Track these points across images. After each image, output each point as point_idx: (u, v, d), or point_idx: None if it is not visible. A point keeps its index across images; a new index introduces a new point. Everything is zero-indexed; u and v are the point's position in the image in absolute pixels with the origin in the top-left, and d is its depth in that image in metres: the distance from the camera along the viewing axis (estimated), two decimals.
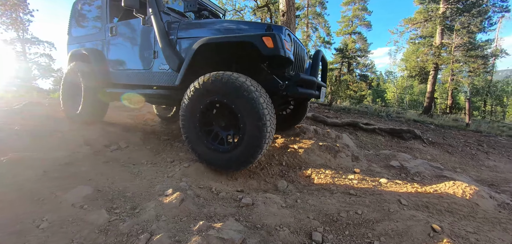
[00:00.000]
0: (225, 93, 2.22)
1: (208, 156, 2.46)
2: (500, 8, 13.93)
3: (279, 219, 1.54)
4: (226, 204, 1.81)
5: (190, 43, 2.75)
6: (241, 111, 2.18)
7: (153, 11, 2.94)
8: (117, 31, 3.42)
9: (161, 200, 1.76)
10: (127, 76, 3.36)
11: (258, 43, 2.18)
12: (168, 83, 2.96)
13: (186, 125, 2.53)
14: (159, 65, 3.00)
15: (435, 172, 2.91)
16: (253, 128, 2.14)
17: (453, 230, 1.44)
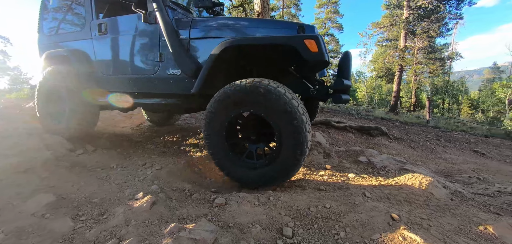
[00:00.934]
0: (261, 104, 1.93)
1: (238, 173, 2.16)
2: (455, 15, 15.35)
3: (251, 217, 1.58)
4: (199, 205, 1.81)
5: (208, 45, 2.39)
6: (279, 125, 1.92)
7: (157, 6, 2.50)
8: (107, 29, 2.92)
9: (131, 204, 1.71)
10: (124, 83, 2.89)
11: (300, 47, 1.93)
12: (179, 90, 2.58)
13: (213, 139, 2.18)
14: (166, 69, 2.59)
15: (398, 166, 3.14)
16: (292, 144, 1.90)
17: (409, 218, 1.58)
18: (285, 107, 1.86)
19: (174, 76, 2.57)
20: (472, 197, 2.85)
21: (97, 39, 3.02)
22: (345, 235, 1.45)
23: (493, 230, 1.56)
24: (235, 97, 2.00)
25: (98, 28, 2.98)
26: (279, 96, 1.88)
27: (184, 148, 3.45)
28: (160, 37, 2.60)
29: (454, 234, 1.50)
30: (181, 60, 2.46)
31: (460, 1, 14.47)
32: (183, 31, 2.51)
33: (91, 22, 3.06)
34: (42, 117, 3.45)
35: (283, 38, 2.04)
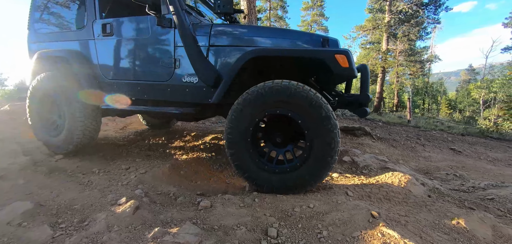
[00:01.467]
0: (292, 105, 1.92)
1: (262, 177, 2.05)
2: (433, 20, 16.09)
3: (236, 219, 1.59)
4: (184, 209, 1.80)
5: (231, 53, 2.31)
6: (310, 128, 1.91)
7: (175, 9, 2.37)
8: (114, 31, 2.69)
9: (113, 210, 1.67)
10: (132, 90, 2.69)
11: (331, 61, 1.94)
12: (196, 99, 2.46)
13: (236, 146, 2.05)
14: (182, 77, 2.46)
15: (381, 164, 3.25)
16: (323, 148, 1.89)
17: (388, 215, 1.65)
18: (321, 111, 1.87)
19: (190, 85, 2.45)
20: (449, 193, 2.99)
21: (101, 40, 2.77)
22: (328, 234, 1.49)
23: (465, 224, 1.65)
24: (270, 97, 1.95)
25: (102, 28, 2.74)
26: (317, 99, 1.89)
27: (169, 150, 3.41)
28: (175, 42, 2.45)
29: (429, 229, 1.58)
30: (201, 68, 2.35)
31: (438, 6, 15.20)
32: (202, 37, 2.39)
33: (94, 21, 2.80)
34: (36, 127, 3.09)
35: (315, 51, 2.05)
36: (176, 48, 2.46)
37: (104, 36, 2.74)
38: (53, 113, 3.08)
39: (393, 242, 1.35)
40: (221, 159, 3.02)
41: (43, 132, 3.06)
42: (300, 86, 1.92)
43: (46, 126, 3.06)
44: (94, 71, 2.85)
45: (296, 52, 2.07)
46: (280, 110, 1.97)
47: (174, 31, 2.44)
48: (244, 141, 2.05)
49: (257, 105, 1.99)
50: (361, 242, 1.38)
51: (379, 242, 1.36)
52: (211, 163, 2.98)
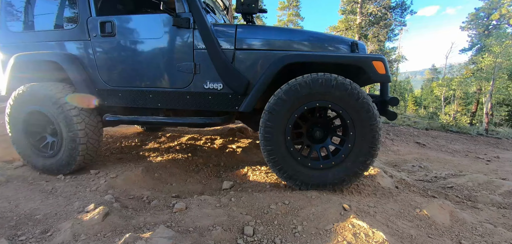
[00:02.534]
0: (339, 99, 1.90)
1: (305, 177, 2.01)
2: (400, 22, 17.20)
3: (212, 219, 1.58)
4: (158, 212, 1.75)
5: (263, 58, 2.14)
6: (355, 122, 1.91)
7: (194, 7, 2.15)
8: (116, 30, 2.32)
9: (80, 218, 1.58)
10: (142, 98, 2.39)
11: (368, 68, 1.95)
12: (221, 107, 2.27)
13: (274, 143, 1.98)
14: (203, 83, 2.24)
15: None
16: (365, 143, 1.91)
17: (358, 207, 1.73)
18: (369, 107, 1.88)
19: (214, 91, 2.25)
20: (414, 183, 3.22)
21: (99, 41, 2.38)
22: (302, 228, 1.53)
23: (426, 212, 1.79)
24: (315, 89, 1.91)
25: (100, 27, 2.34)
26: (363, 95, 1.90)
27: (143, 153, 3.29)
28: (194, 45, 2.22)
29: (395, 218, 1.69)
30: (228, 74, 2.17)
31: (404, 10, 16.27)
32: (226, 40, 2.19)
33: (89, 19, 2.37)
34: (23, 149, 2.58)
35: (354, 58, 2.03)
36: (195, 51, 2.22)
37: (104, 36, 2.35)
38: (43, 130, 2.63)
39: (363, 232, 1.43)
40: (198, 160, 2.98)
41: (34, 154, 2.57)
42: (348, 80, 1.92)
43: (36, 147, 2.58)
44: (91, 77, 2.45)
45: (337, 58, 2.04)
46: (310, 104, 1.95)
47: (193, 32, 2.20)
48: (284, 136, 1.99)
49: (301, 97, 1.94)
50: (333, 235, 1.44)
51: (350, 233, 1.43)
52: (187, 164, 2.92)
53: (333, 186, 2.01)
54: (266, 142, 1.99)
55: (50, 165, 2.52)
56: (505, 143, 9.58)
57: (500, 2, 22.70)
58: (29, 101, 2.45)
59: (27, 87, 2.45)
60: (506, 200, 2.71)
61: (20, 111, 2.50)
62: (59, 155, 2.48)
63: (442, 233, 1.63)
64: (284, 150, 2.00)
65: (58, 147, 2.48)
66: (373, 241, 1.36)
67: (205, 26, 2.16)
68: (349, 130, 1.95)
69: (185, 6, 2.18)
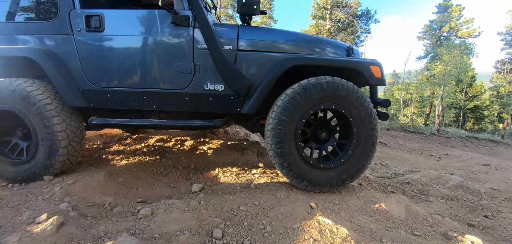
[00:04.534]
0: (344, 101, 2.00)
1: (311, 176, 2.05)
2: (365, 30, 18.38)
3: (180, 224, 1.53)
4: (121, 219, 1.65)
5: (265, 60, 2.14)
6: (358, 125, 2.03)
7: (194, 6, 2.08)
8: (105, 25, 2.14)
9: (30, 230, 1.43)
10: (135, 99, 2.23)
11: (367, 72, 2.10)
12: (222, 109, 2.22)
13: (286, 144, 1.99)
14: (203, 84, 2.18)
15: None
16: (366, 144, 2.05)
17: (324, 205, 1.81)
18: (370, 112, 2.03)
19: (214, 93, 2.19)
20: (376, 180, 3.44)
21: (84, 37, 2.16)
22: (271, 228, 1.56)
23: (385, 206, 1.93)
24: (324, 92, 1.98)
25: (86, 21, 2.14)
26: (364, 97, 2.02)
27: (106, 156, 3.08)
28: (194, 44, 2.14)
29: (357, 213, 1.80)
30: (231, 76, 2.13)
31: (368, 18, 17.42)
32: (227, 40, 2.14)
33: (72, 11, 2.15)
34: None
35: (354, 62, 2.15)
36: (195, 51, 2.15)
37: (90, 31, 2.15)
38: (10, 134, 2.35)
39: (328, 229, 1.50)
40: (166, 162, 2.87)
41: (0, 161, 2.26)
42: (352, 84, 2.03)
43: (3, 153, 2.29)
44: (73, 77, 2.22)
45: (339, 62, 2.14)
46: (316, 107, 2.02)
47: (193, 31, 2.13)
48: (294, 138, 2.01)
49: (311, 99, 1.99)
50: (300, 233, 1.48)
51: (316, 231, 1.48)
52: (155, 167, 2.80)
53: (334, 186, 2.10)
54: (276, 140, 2.00)
55: (21, 172, 2.23)
56: (453, 141, 10.72)
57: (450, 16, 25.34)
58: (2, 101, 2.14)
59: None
60: (453, 193, 3.03)
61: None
62: (33, 161, 2.21)
63: (398, 225, 1.77)
64: (295, 150, 2.02)
65: (32, 152, 2.20)
66: (337, 237, 1.44)
67: (207, 25, 2.09)
68: (354, 132, 2.06)
69: (185, 3, 2.10)
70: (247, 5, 2.15)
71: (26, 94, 2.10)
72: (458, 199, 2.84)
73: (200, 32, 2.12)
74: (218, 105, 2.23)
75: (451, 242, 1.62)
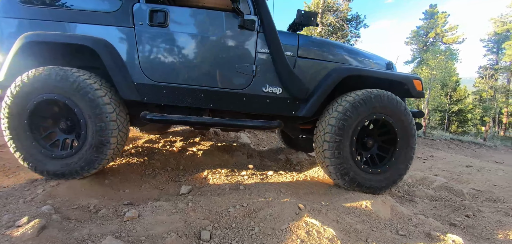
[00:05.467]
0: (392, 112, 2.22)
1: (363, 180, 2.22)
2: (355, 34, 18.77)
3: (167, 226, 1.52)
4: (106, 222, 1.62)
5: (322, 68, 2.30)
6: (401, 134, 2.26)
7: (263, 12, 2.16)
8: (169, 21, 2.15)
9: (9, 234, 1.37)
10: (191, 96, 2.23)
11: (410, 85, 2.36)
12: (277, 111, 2.32)
13: (342, 151, 2.14)
14: (262, 86, 2.25)
15: (311, 161, 3.58)
16: (407, 151, 2.29)
17: (312, 206, 1.83)
18: (411, 122, 2.28)
19: (272, 95, 2.28)
20: None
21: (146, 30, 2.15)
22: (259, 230, 1.56)
23: (371, 207, 1.97)
24: (380, 103, 2.18)
25: (150, 16, 2.14)
26: (407, 110, 2.28)
27: None
28: (257, 47, 2.22)
29: (344, 214, 1.83)
30: (291, 80, 2.23)
31: (358, 23, 17.81)
32: (288, 46, 2.26)
33: (136, 4, 2.14)
34: (25, 151, 2.08)
35: (402, 76, 2.44)
36: (257, 54, 2.23)
37: (152, 26, 2.15)
38: (53, 126, 2.22)
39: (315, 229, 1.51)
40: (155, 164, 2.83)
41: (37, 155, 2.10)
42: (399, 98, 2.27)
43: (42, 148, 2.12)
44: (129, 69, 2.17)
45: (390, 75, 2.39)
46: (386, 117, 2.23)
47: (257, 35, 2.21)
48: (350, 144, 2.16)
49: (369, 109, 2.17)
50: (288, 234, 1.49)
51: (303, 232, 1.50)
52: (143, 168, 2.75)
53: (384, 187, 2.31)
54: (335, 147, 2.14)
55: (63, 167, 2.10)
56: (438, 144, 11.04)
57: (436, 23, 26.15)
58: (43, 89, 2.01)
59: (43, 71, 2.00)
60: (437, 193, 3.11)
61: (22, 102, 2.02)
62: (76, 156, 2.09)
63: (384, 225, 1.81)
64: (350, 157, 2.18)
65: (79, 145, 2.10)
66: (324, 237, 1.45)
67: (274, 32, 2.19)
68: (398, 142, 2.28)
69: (251, 7, 2.18)
70: (305, 17, 2.27)
71: (83, 85, 2.00)
72: (442, 200, 2.92)
73: (264, 36, 2.21)
74: (274, 107, 2.32)
75: (433, 241, 1.67)
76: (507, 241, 1.93)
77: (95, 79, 2.09)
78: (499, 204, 3.23)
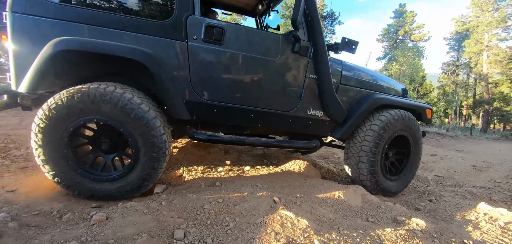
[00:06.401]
0: (411, 129, 2.67)
1: (386, 185, 2.61)
2: (330, 30, 19.33)
3: (138, 227, 1.46)
4: (71, 227, 1.52)
5: (360, 95, 2.53)
6: (414, 147, 2.75)
7: (318, 40, 2.22)
8: (225, 38, 2.02)
9: None
10: (243, 117, 2.20)
11: (423, 113, 2.85)
12: (316, 132, 2.50)
13: (376, 162, 2.50)
14: (307, 109, 2.36)
15: (288, 156, 3.64)
16: (416, 159, 2.82)
17: (287, 199, 1.86)
18: (420, 136, 2.81)
19: (314, 118, 2.41)
20: (339, 173, 3.62)
21: (200, 46, 1.99)
22: (235, 225, 1.56)
23: (343, 197, 2.05)
24: (405, 123, 2.60)
25: (205, 31, 1.97)
26: (419, 127, 2.79)
27: None
28: (307, 73, 2.28)
29: (318, 205, 1.88)
30: (334, 105, 2.39)
31: (333, 20, 18.34)
32: (334, 73, 2.39)
33: (190, 17, 1.94)
34: (64, 174, 1.85)
35: (421, 106, 2.87)
36: (306, 78, 2.29)
37: (207, 42, 2.00)
38: (94, 150, 1.99)
39: (289, 221, 1.54)
40: None
41: (84, 178, 1.88)
42: (415, 118, 2.72)
43: (88, 169, 1.91)
44: (179, 86, 2.00)
45: (413, 105, 2.80)
46: (398, 133, 2.61)
47: (308, 61, 2.26)
48: (381, 156, 2.53)
49: (396, 127, 2.55)
50: (263, 227, 1.50)
51: (278, 224, 1.52)
52: None
53: (399, 190, 2.77)
54: (370, 156, 2.46)
55: (111, 190, 1.90)
56: None
57: (405, 21, 27.65)
58: (88, 111, 1.75)
59: (73, 92, 1.71)
60: None
61: (67, 122, 1.75)
62: (125, 179, 1.90)
63: (355, 213, 1.89)
64: (379, 165, 2.55)
65: (131, 163, 1.90)
66: (297, 228, 1.49)
67: (326, 59, 2.27)
68: (411, 149, 2.75)
69: (305, 34, 2.22)
70: (348, 44, 2.39)
71: (130, 104, 1.78)
72: (409, 186, 3.12)
73: (313, 62, 2.29)
74: (315, 128, 2.46)
75: (400, 226, 1.78)
76: (464, 221, 2.12)
77: (137, 94, 1.88)
78: (458, 188, 3.52)
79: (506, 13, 22.78)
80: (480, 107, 26.94)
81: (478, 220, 2.10)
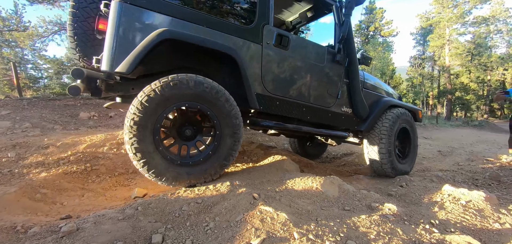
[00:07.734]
0: (410, 123, 3.52)
1: (400, 167, 3.30)
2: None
3: (112, 235, 1.39)
4: (37, 241, 1.41)
5: (375, 97, 3.36)
6: (414, 139, 3.63)
7: (352, 54, 2.93)
8: (290, 46, 2.55)
9: None
10: (297, 109, 2.70)
11: (416, 114, 3.71)
12: (346, 125, 3.13)
13: (392, 152, 3.18)
14: (341, 106, 3.02)
15: (268, 152, 3.67)
16: (415, 149, 3.68)
17: (266, 194, 1.88)
18: (416, 130, 3.70)
19: (345, 114, 3.06)
20: (317, 165, 3.71)
21: (271, 49, 2.46)
22: (214, 224, 1.54)
23: (321, 188, 2.11)
24: (407, 119, 3.46)
25: (276, 38, 2.46)
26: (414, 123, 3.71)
27: (20, 170, 2.59)
28: (343, 77, 2.95)
29: (297, 198, 1.92)
30: (360, 104, 3.08)
31: None
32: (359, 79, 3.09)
33: (265, 25, 2.43)
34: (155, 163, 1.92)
35: (415, 108, 3.73)
36: (341, 82, 2.94)
37: (277, 47, 2.49)
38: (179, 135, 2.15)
39: (269, 216, 1.56)
40: (99, 169, 2.57)
41: (175, 167, 2.00)
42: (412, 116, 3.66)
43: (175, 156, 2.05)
44: (254, 80, 2.40)
45: (412, 107, 3.70)
46: (403, 125, 3.43)
47: (344, 69, 2.95)
48: (394, 142, 3.28)
49: (397, 121, 3.29)
50: (243, 224, 1.50)
51: (258, 220, 1.53)
52: (85, 176, 2.48)
53: (409, 171, 3.50)
54: (386, 143, 3.13)
55: (186, 174, 2.05)
56: None
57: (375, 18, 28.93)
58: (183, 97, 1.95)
59: (183, 78, 1.93)
60: None
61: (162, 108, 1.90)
62: (207, 163, 2.11)
63: (332, 204, 1.95)
64: (393, 150, 3.24)
65: (215, 145, 2.12)
66: (277, 223, 1.51)
67: (357, 68, 3.00)
68: (412, 141, 3.60)
69: (343, 49, 2.89)
70: (365, 58, 3.11)
71: (218, 89, 2.05)
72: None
73: (348, 70, 2.97)
74: (345, 122, 3.10)
75: (373, 211, 1.87)
76: (431, 203, 2.28)
77: (216, 83, 2.11)
78: (426, 173, 3.78)
79: (464, 9, 24.72)
80: (443, 97, 29.08)
81: (443, 201, 2.27)
